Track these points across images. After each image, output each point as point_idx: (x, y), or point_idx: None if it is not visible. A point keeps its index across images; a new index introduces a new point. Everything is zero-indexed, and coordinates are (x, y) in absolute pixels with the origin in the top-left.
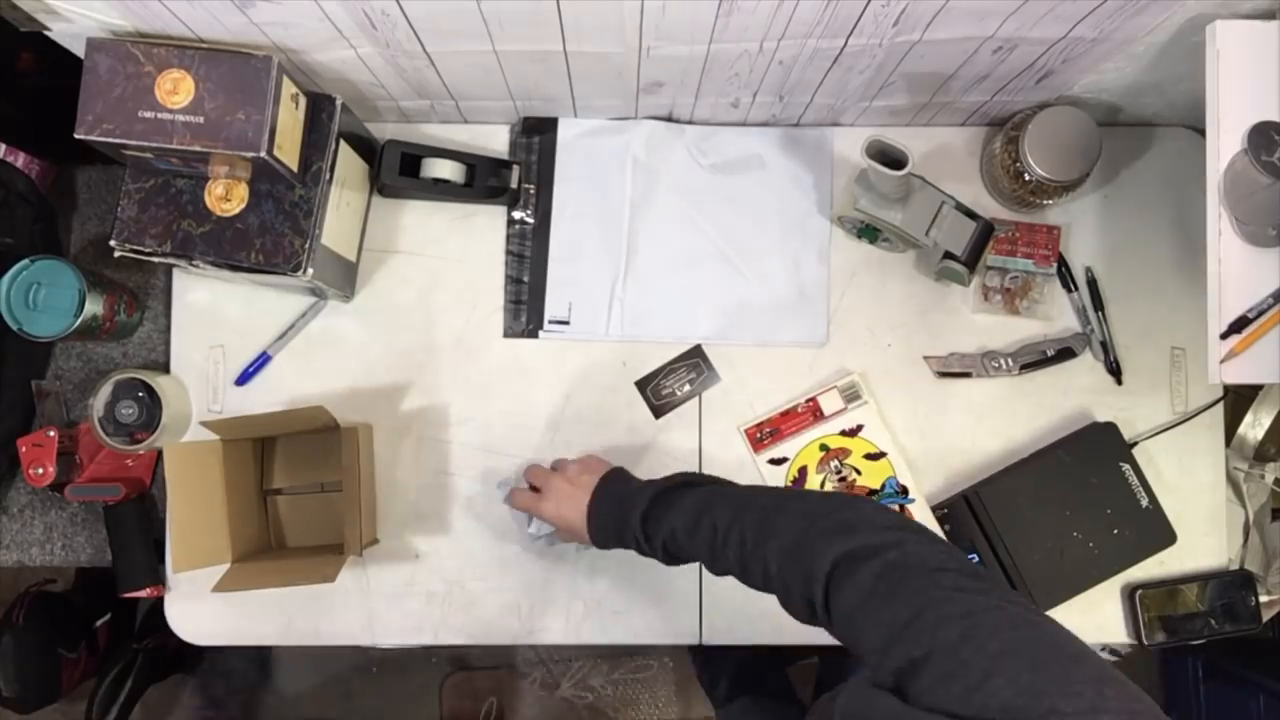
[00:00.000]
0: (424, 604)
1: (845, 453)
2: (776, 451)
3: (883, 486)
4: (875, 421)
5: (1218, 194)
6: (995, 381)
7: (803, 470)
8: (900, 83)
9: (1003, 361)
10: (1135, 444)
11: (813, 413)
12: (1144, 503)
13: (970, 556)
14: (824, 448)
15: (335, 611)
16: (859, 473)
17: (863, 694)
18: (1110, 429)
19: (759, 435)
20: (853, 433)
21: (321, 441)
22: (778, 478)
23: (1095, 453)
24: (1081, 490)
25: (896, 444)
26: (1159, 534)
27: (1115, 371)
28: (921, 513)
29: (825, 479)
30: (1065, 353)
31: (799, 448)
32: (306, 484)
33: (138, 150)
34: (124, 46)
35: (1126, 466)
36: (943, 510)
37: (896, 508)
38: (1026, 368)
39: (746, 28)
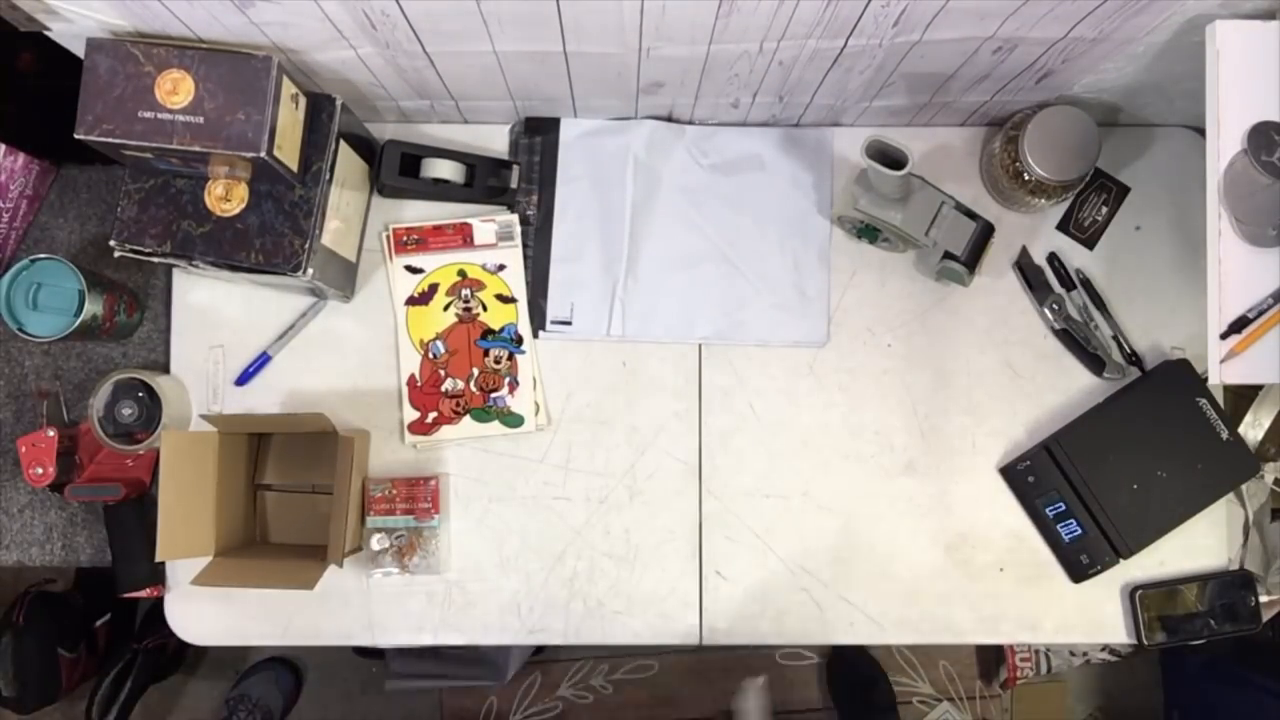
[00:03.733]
0: (424, 604)
1: (480, 285)
2: (416, 261)
3: (502, 329)
4: (518, 266)
5: (1218, 194)
6: (995, 383)
7: (433, 287)
8: (900, 83)
9: (1057, 308)
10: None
11: (463, 236)
12: (1224, 435)
13: (1057, 506)
14: (462, 274)
15: (335, 611)
16: (485, 308)
17: None
18: (1183, 365)
19: (405, 238)
20: (495, 270)
21: (317, 442)
22: (406, 286)
23: (1170, 390)
24: (1161, 429)
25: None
26: (1242, 465)
27: (1135, 360)
28: (529, 363)
29: (452, 304)
30: (1095, 359)
31: (438, 265)
32: (298, 483)
33: (138, 150)
34: (124, 46)
35: (1203, 401)
36: (1025, 463)
37: (506, 354)
38: (1064, 335)
39: (746, 28)
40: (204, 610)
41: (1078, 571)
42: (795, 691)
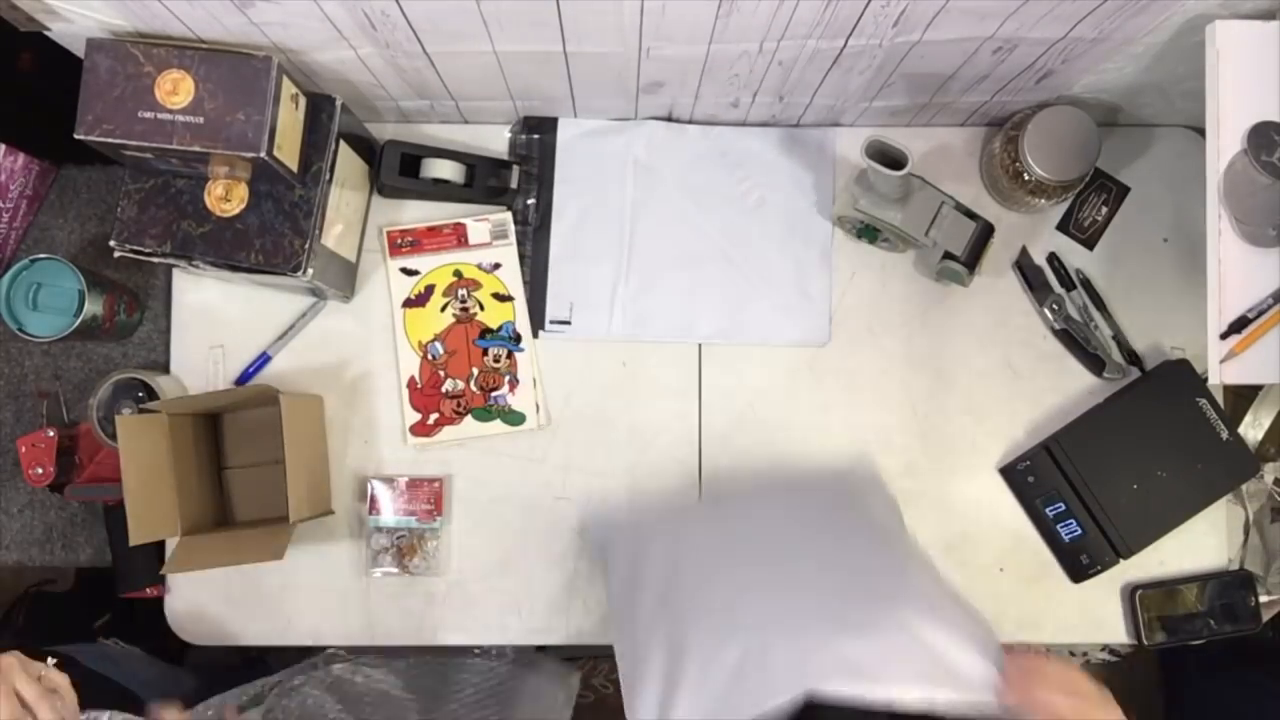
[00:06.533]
0: (424, 604)
1: (476, 285)
2: (411, 263)
3: (500, 328)
4: (513, 264)
5: (1218, 194)
6: (995, 383)
7: (430, 288)
8: (900, 83)
9: (1057, 308)
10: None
11: (458, 236)
12: (1224, 435)
13: (1056, 506)
14: (458, 274)
15: (335, 612)
16: (482, 308)
17: None
18: (1183, 365)
19: (399, 241)
20: (490, 269)
21: (274, 417)
22: (403, 289)
23: (1170, 390)
24: (1161, 429)
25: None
26: (1241, 465)
27: (1135, 360)
28: (528, 360)
29: (449, 304)
30: (1095, 359)
31: (433, 266)
32: (261, 459)
33: (138, 151)
34: (124, 47)
35: (1203, 401)
36: (1025, 463)
37: (505, 353)
38: (1063, 335)
39: (746, 28)
40: (204, 610)
41: (1078, 571)
42: None
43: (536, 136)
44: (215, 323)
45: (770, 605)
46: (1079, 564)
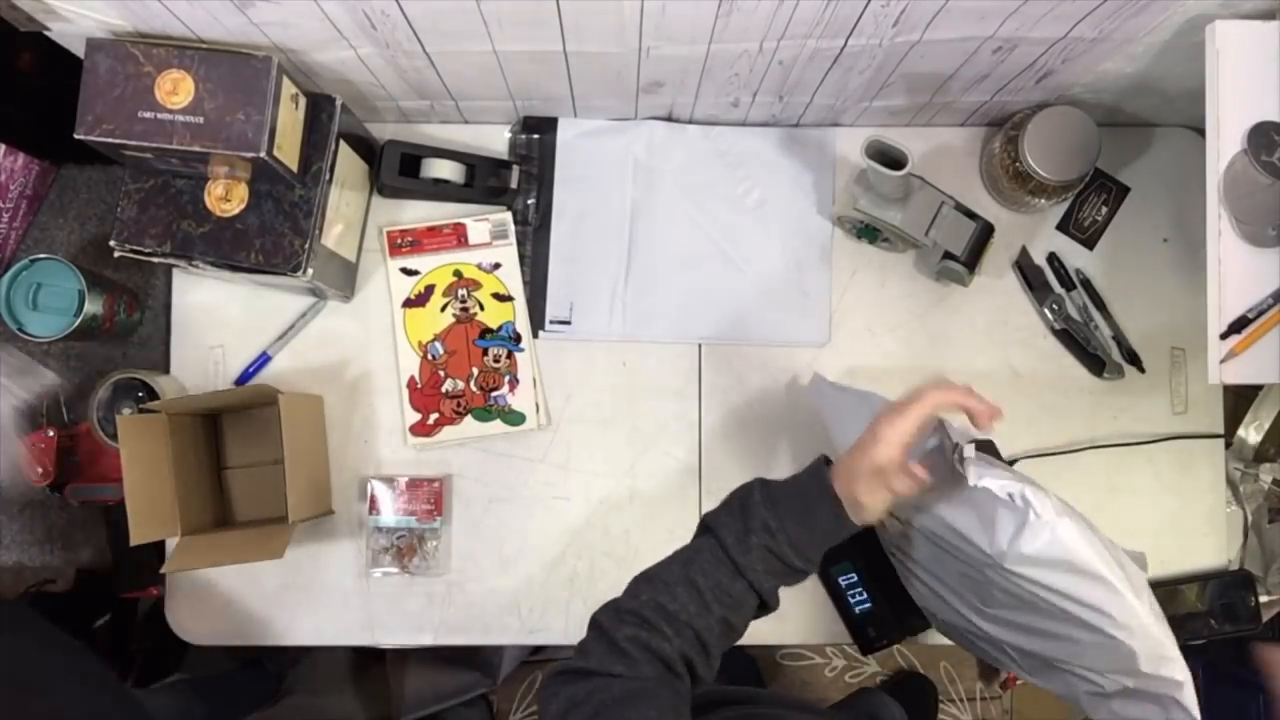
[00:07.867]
0: (424, 604)
1: (476, 285)
2: (411, 263)
3: (500, 328)
4: (513, 264)
5: (1218, 194)
6: (995, 383)
7: (430, 288)
8: (900, 83)
9: (1057, 308)
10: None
11: (458, 236)
12: None
13: None
14: (457, 274)
15: (335, 611)
16: (482, 308)
17: None
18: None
19: (399, 241)
20: (490, 269)
21: (273, 417)
22: (403, 289)
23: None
24: None
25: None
26: None
27: (1134, 360)
28: (528, 360)
29: (449, 304)
30: (1094, 359)
31: (433, 266)
32: (261, 459)
33: (137, 151)
34: (124, 47)
35: None
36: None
37: (505, 353)
38: (1063, 335)
39: (746, 28)
40: (204, 610)
41: None
42: (796, 692)
43: (536, 136)
44: (215, 323)
45: None
46: None
